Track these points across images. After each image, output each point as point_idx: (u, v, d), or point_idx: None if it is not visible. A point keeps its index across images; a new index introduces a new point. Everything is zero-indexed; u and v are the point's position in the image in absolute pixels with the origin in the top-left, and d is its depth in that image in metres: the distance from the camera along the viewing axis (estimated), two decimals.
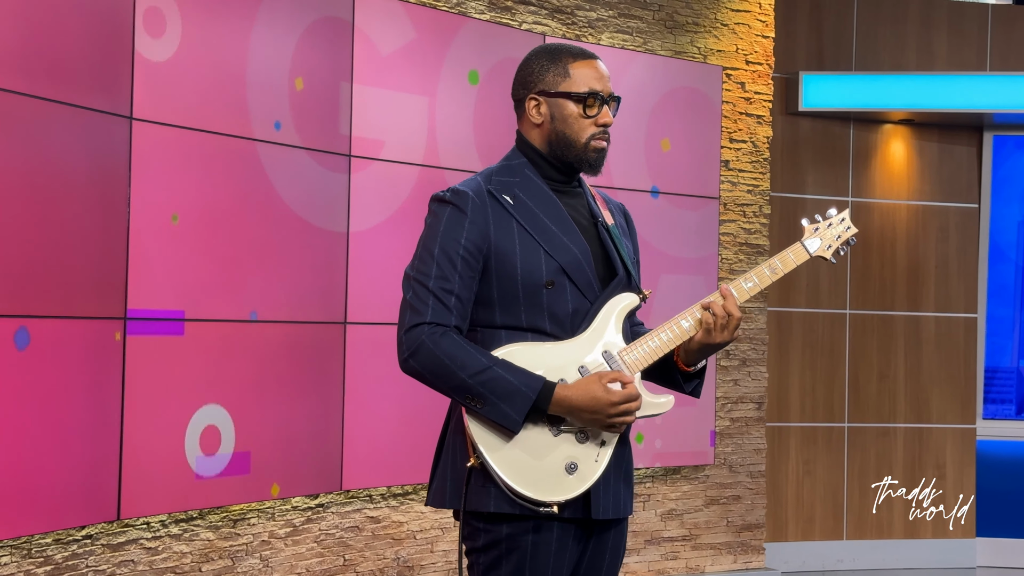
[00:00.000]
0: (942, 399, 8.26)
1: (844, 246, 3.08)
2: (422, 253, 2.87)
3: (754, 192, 7.11)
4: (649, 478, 6.73)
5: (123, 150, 4.50)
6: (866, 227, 8.20)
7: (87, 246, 4.35)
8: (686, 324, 2.96)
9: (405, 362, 2.84)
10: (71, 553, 4.39)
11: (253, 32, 5.02)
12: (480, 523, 2.88)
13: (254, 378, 5.03)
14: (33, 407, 4.14)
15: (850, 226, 3.11)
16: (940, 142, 8.34)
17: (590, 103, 2.92)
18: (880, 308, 8.21)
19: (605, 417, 2.82)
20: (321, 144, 5.30)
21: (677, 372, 3.01)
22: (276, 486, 5.08)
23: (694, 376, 3.03)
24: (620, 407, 2.82)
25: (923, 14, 8.29)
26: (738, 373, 7.07)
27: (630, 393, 2.83)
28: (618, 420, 2.83)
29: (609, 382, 2.83)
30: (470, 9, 5.97)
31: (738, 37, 7.06)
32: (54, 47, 4.20)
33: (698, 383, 3.06)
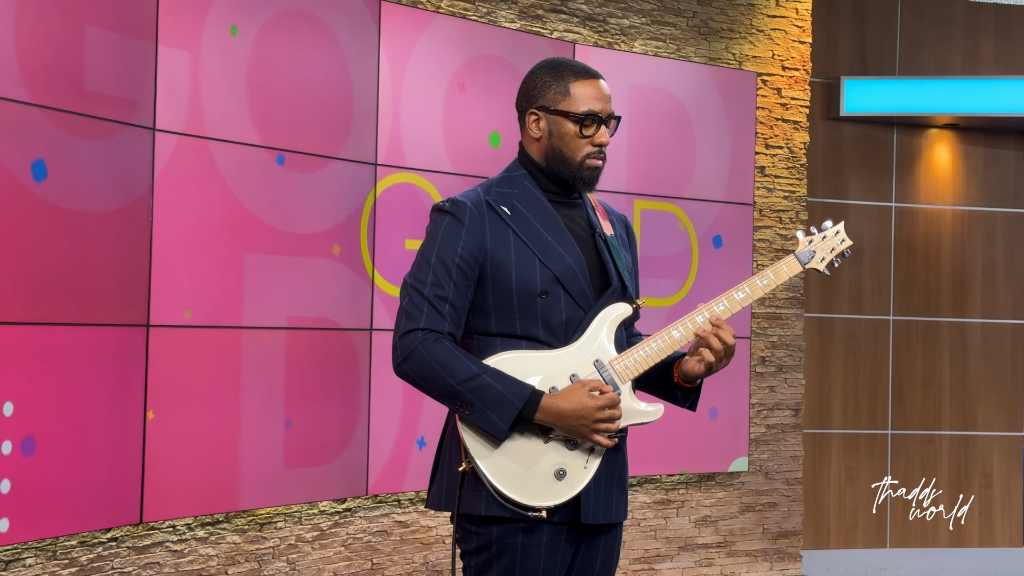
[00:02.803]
0: (989, 406, 8.18)
1: (839, 258, 3.10)
2: (420, 261, 2.94)
3: (791, 198, 7.08)
4: (683, 484, 6.73)
5: (146, 161, 4.60)
6: (910, 233, 8.14)
7: (111, 255, 4.45)
8: (676, 334, 2.99)
9: (398, 366, 2.91)
10: (96, 555, 4.49)
11: (276, 41, 5.09)
12: (472, 526, 2.93)
13: (280, 384, 5.10)
14: (58, 412, 4.24)
15: (845, 238, 3.13)
16: (986, 146, 8.26)
17: (587, 123, 2.97)
18: (925, 314, 8.15)
19: (591, 423, 2.86)
20: (347, 152, 5.36)
21: (676, 389, 3.05)
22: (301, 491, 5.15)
23: (691, 392, 3.08)
24: (605, 412, 2.86)
25: (969, 17, 8.22)
26: (774, 380, 7.05)
27: (612, 399, 2.87)
28: (602, 426, 2.86)
29: (591, 390, 2.87)
30: (500, 18, 6.02)
31: (774, 43, 7.04)
32: (77, 61, 4.29)
33: (695, 398, 3.11)
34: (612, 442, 2.89)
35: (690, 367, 2.98)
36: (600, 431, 2.87)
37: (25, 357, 4.12)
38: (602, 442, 2.87)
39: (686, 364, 2.99)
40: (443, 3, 5.83)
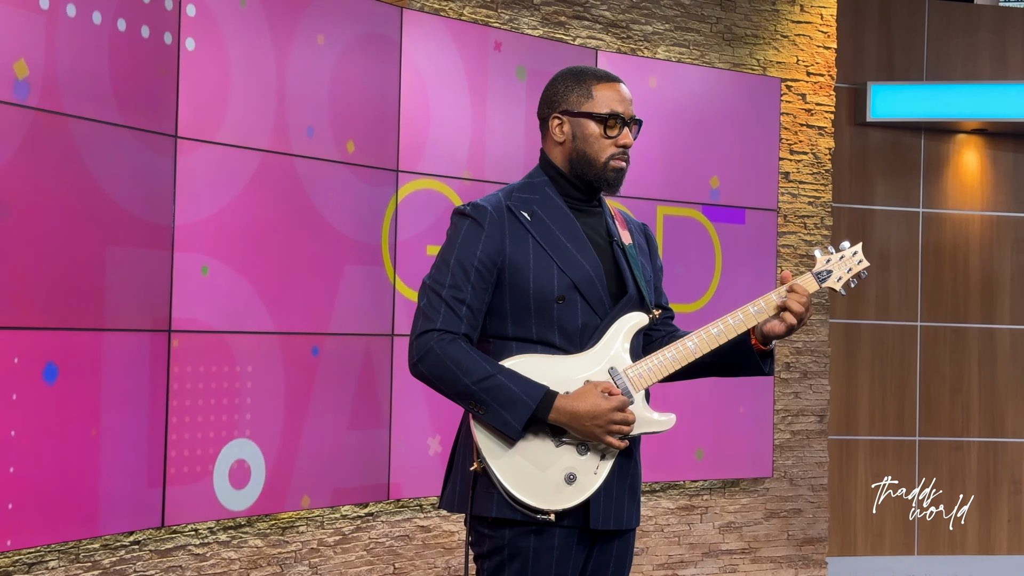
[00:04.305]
0: (1018, 413, 8.14)
1: (855, 279, 3.13)
2: (439, 263, 2.98)
3: (815, 204, 7.07)
4: (707, 490, 6.72)
5: (168, 168, 4.64)
6: (938, 238, 8.11)
7: (134, 261, 4.50)
8: (691, 345, 3.03)
9: (414, 366, 2.94)
10: (119, 558, 4.53)
11: (297, 49, 5.14)
12: (485, 528, 2.96)
13: (301, 388, 5.14)
14: (80, 415, 4.29)
15: (862, 259, 3.16)
16: (1015, 151, 8.22)
17: (611, 124, 3.01)
18: (953, 320, 8.11)
19: (606, 423, 2.88)
20: (368, 160, 5.40)
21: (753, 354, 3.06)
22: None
23: (768, 354, 3.10)
24: (618, 414, 2.88)
25: (997, 22, 8.18)
26: (799, 386, 7.04)
27: (623, 400, 2.89)
28: (615, 428, 2.88)
29: (603, 391, 2.90)
30: (523, 25, 6.04)
31: (799, 48, 7.03)
32: (99, 69, 4.34)
33: (771, 361, 3.13)
34: (623, 444, 2.91)
35: (770, 327, 3.01)
36: (613, 432, 2.89)
37: (43, 361, 4.17)
38: (614, 444, 2.89)
39: (766, 326, 3.02)
40: (465, 10, 5.86)
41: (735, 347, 3.03)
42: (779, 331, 3.00)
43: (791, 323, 3.00)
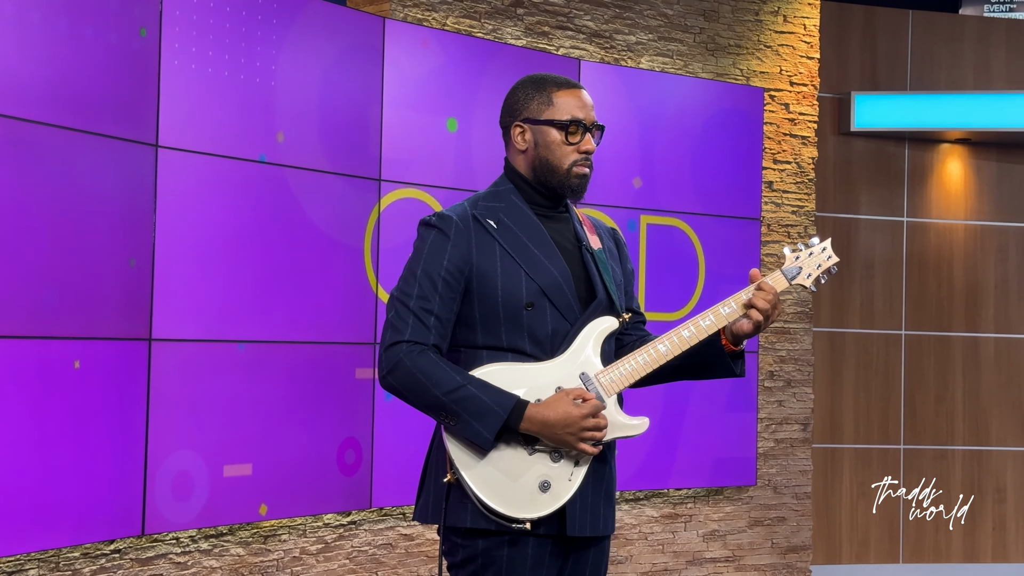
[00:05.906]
0: (1002, 421, 8.16)
1: (825, 275, 3.11)
2: (406, 275, 2.98)
3: (799, 213, 7.10)
4: (691, 499, 6.74)
5: (148, 177, 4.66)
6: (922, 247, 8.14)
7: (114, 270, 4.51)
8: (663, 348, 3.01)
9: (384, 379, 2.93)
10: (99, 567, 4.53)
11: (279, 58, 5.15)
12: (458, 538, 2.95)
13: (280, 397, 5.15)
14: (60, 424, 4.30)
15: (831, 255, 3.14)
16: (999, 161, 8.25)
17: (572, 130, 3.00)
18: (937, 329, 8.14)
19: (578, 431, 2.87)
20: (350, 168, 5.41)
21: (724, 355, 3.04)
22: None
23: (739, 355, 3.09)
24: (590, 421, 2.88)
25: (980, 32, 8.22)
26: (783, 394, 7.06)
27: (596, 406, 2.89)
28: (588, 435, 2.88)
29: (574, 398, 2.90)
30: (506, 35, 6.06)
31: (782, 58, 7.06)
32: (80, 78, 4.36)
33: (742, 362, 3.11)
34: (596, 450, 2.91)
35: (739, 326, 3.00)
36: (586, 439, 2.89)
37: (23, 370, 4.18)
38: (587, 450, 2.89)
39: (735, 326, 3.00)
40: (448, 20, 5.88)
41: (706, 348, 3.02)
42: (746, 329, 2.99)
43: (757, 320, 2.97)
